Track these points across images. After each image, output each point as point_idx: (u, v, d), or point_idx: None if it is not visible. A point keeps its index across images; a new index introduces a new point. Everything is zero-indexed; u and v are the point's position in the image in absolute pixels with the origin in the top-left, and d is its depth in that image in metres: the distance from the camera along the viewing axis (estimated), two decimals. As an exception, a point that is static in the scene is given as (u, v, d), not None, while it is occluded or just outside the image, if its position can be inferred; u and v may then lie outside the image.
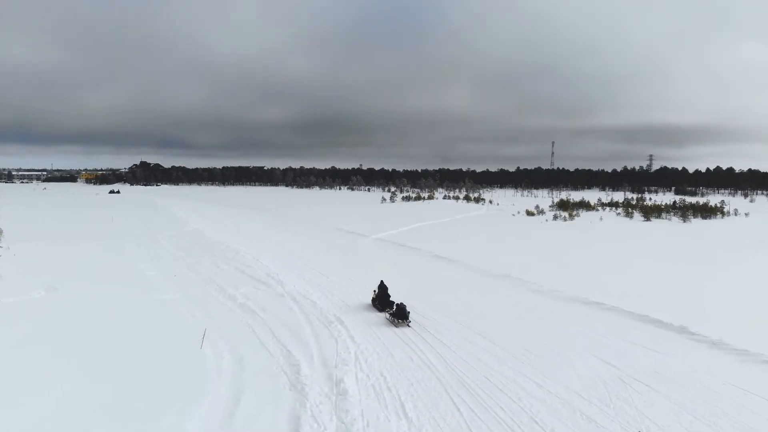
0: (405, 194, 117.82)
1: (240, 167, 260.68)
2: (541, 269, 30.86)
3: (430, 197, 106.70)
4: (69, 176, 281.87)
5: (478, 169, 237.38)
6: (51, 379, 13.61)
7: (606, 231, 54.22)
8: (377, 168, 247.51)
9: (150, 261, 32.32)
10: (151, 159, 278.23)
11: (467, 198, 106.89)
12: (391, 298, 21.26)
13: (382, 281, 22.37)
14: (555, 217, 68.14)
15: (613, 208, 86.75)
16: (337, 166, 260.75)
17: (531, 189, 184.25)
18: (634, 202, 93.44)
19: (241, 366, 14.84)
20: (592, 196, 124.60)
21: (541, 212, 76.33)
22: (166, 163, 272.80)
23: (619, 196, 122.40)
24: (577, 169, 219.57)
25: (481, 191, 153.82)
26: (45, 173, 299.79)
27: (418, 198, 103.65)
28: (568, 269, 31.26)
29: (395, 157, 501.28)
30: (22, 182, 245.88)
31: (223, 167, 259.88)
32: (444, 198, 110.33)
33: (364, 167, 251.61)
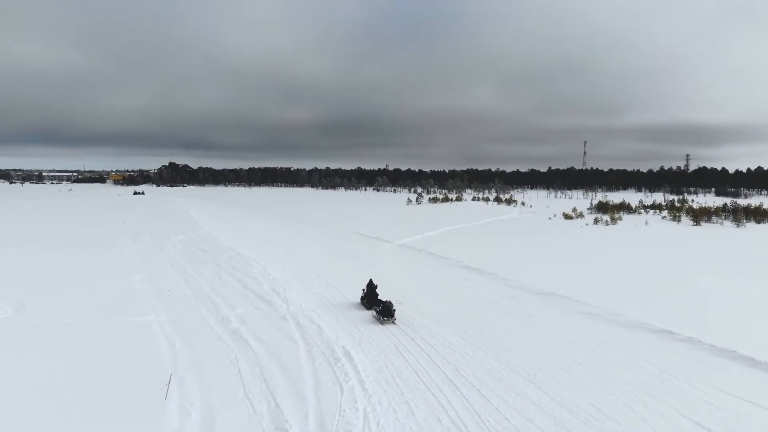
0: (432, 195, 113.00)
1: (266, 168, 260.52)
2: (590, 284, 26.39)
3: (458, 199, 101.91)
4: (98, 177, 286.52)
5: (508, 170, 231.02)
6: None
7: (654, 236, 48.99)
8: (403, 168, 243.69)
9: (146, 271, 29.10)
10: (180, 160, 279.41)
11: (497, 199, 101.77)
12: (379, 297, 21.30)
13: (371, 280, 22.54)
14: (596, 221, 62.96)
15: (656, 210, 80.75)
16: (363, 167, 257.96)
17: (563, 190, 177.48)
18: (677, 204, 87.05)
19: (210, 429, 11.10)
20: (629, 197, 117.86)
21: (580, 215, 71.16)
22: (194, 164, 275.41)
23: (658, 198, 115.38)
24: (611, 169, 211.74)
25: (511, 192, 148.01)
26: (76, 174, 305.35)
27: (446, 199, 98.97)
28: (621, 284, 26.71)
29: (420, 157, 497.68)
30: (52, 183, 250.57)
31: (249, 168, 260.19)
32: (473, 200, 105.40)
33: (390, 168, 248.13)
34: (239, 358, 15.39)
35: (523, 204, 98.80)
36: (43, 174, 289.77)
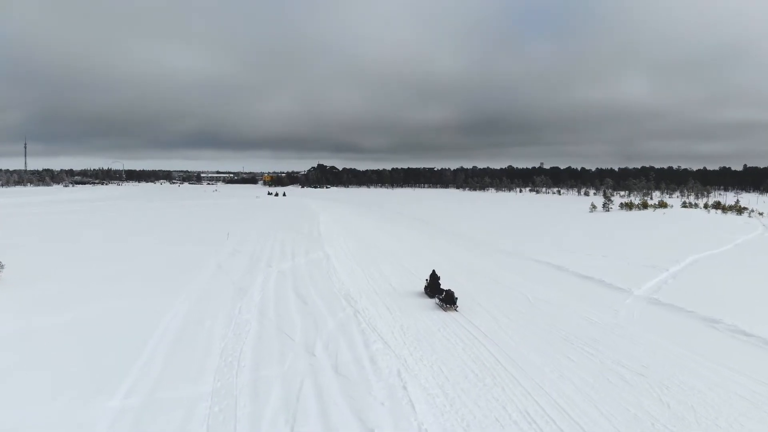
0: (623, 200, 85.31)
1: (408, 169, 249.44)
2: None
3: (662, 205, 75.29)
4: (251, 178, 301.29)
5: (677, 166, 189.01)
6: None
7: None
8: (562, 166, 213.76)
9: (150, 382, 13.99)
10: (329, 162, 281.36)
11: (720, 207, 73.26)
12: (441, 286, 22.08)
13: (434, 270, 23.40)
14: None
15: None
16: (514, 166, 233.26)
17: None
18: None
19: None
20: None
21: None
22: (341, 166, 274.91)
23: None
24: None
25: (734, 196, 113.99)
26: (233, 175, 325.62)
27: (645, 205, 73.17)
28: None
29: (575, 155, 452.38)
30: (208, 183, 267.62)
31: (392, 169, 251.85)
32: (683, 206, 77.86)
33: (546, 166, 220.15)
34: None
35: (760, 214, 70.00)
36: (202, 175, 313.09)
